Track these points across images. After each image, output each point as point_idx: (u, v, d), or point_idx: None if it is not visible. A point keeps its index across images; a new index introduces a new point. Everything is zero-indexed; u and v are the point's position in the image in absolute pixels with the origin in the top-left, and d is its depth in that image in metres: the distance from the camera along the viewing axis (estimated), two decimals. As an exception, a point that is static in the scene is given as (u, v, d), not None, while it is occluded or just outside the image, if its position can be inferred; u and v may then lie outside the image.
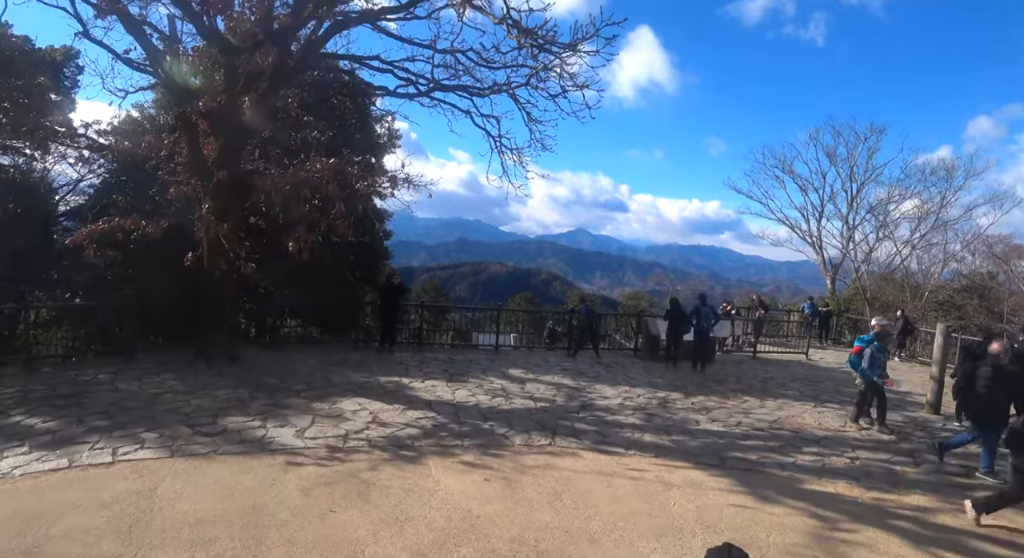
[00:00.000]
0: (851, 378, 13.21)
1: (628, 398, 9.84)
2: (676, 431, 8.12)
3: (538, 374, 11.29)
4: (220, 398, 8.13)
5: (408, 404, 8.40)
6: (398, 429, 7.25)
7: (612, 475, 6.18)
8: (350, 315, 13.70)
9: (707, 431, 8.25)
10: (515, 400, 9.12)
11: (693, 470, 6.61)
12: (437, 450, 6.61)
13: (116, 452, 5.95)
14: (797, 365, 15.06)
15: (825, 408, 10.29)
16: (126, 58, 9.96)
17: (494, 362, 12.30)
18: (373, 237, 17.07)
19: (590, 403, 9.29)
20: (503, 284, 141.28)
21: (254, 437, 6.65)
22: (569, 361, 13.08)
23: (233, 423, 7.05)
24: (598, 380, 11.17)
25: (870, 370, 8.85)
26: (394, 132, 15.88)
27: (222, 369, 9.81)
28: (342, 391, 8.90)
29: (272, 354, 11.51)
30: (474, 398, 9.06)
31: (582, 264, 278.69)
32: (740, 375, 12.92)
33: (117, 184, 12.62)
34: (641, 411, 9.04)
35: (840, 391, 11.87)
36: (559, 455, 6.73)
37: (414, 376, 10.32)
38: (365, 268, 16.41)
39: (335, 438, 6.74)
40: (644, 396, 10.07)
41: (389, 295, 12.54)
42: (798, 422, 9.17)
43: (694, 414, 9.14)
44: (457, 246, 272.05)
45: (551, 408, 8.80)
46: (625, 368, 12.68)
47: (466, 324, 17.40)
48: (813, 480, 6.67)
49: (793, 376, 13.29)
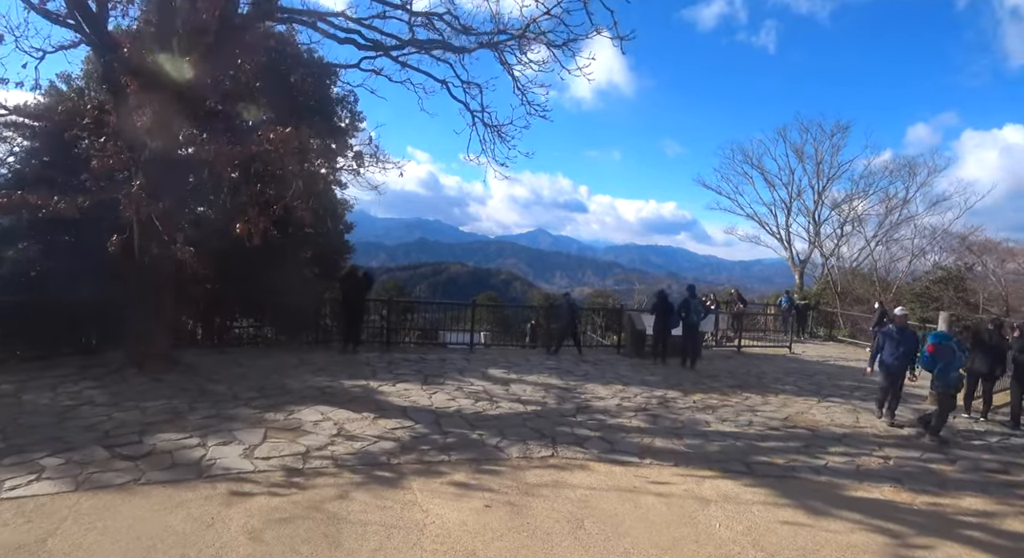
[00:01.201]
0: (840, 372, 12.72)
1: (625, 398, 8.87)
2: (687, 434, 7.18)
3: (521, 374, 10.21)
4: (151, 410, 6.71)
5: (379, 412, 7.17)
6: (370, 443, 6.03)
7: (636, 491, 5.15)
8: (308, 314, 12.30)
9: (720, 433, 7.35)
10: (502, 404, 8.01)
11: (723, 480, 5.66)
12: (420, 468, 5.43)
13: (1, 487, 4.54)
14: (783, 359, 14.50)
15: (830, 403, 9.60)
16: (42, 8, 8.34)
17: (470, 362, 11.15)
18: (333, 229, 15.66)
19: (586, 405, 8.27)
20: (464, 284, 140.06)
21: (190, 459, 5.32)
22: (551, 359, 12.05)
23: (164, 442, 5.69)
24: (588, 379, 10.18)
25: (952, 370, 7.74)
26: (357, 115, 14.51)
27: (158, 375, 8.34)
28: (301, 398, 7.60)
29: (221, 357, 10.05)
30: (455, 403, 7.90)
31: (542, 264, 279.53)
32: (731, 370, 12.18)
33: (39, 166, 10.89)
34: (643, 412, 8.08)
35: (837, 385, 11.28)
36: (567, 469, 5.66)
37: (383, 379, 9.08)
38: (325, 263, 14.99)
39: (293, 457, 5.48)
40: (642, 395, 9.13)
41: (353, 289, 11.23)
42: (810, 419, 8.40)
43: (700, 414, 8.25)
44: (417, 246, 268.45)
45: (544, 412, 7.73)
46: (612, 366, 11.74)
47: (435, 322, 16.16)
48: (855, 485, 5.85)
49: (785, 371, 12.64)
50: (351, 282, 11.33)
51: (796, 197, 27.99)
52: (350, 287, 11.26)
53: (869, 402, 9.82)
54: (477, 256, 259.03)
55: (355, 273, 11.46)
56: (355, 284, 11.29)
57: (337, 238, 15.90)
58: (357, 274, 11.44)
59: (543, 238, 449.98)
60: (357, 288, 11.26)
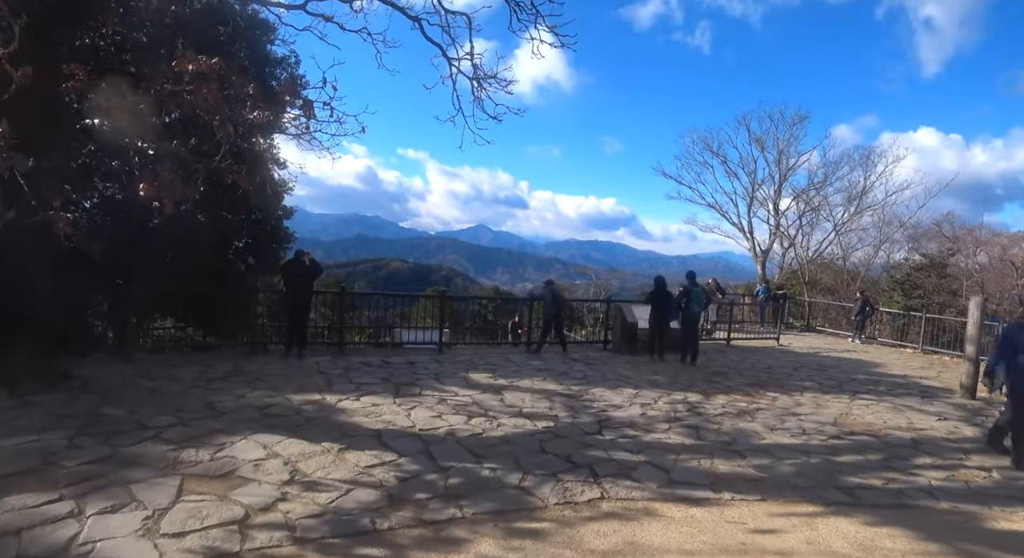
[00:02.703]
0: (841, 363, 11.73)
1: (645, 405, 7.30)
2: (746, 450, 5.68)
3: (511, 378, 8.46)
4: (5, 453, 4.53)
5: (345, 440, 5.25)
6: (340, 494, 4.12)
7: (748, 553, 3.53)
8: (244, 312, 10.06)
9: (781, 446, 5.90)
10: (503, 420, 6.23)
11: (834, 517, 4.16)
12: (424, 536, 3.60)
13: None
14: (775, 352, 13.46)
15: (865, 401, 8.43)
16: None
17: (444, 365, 9.29)
18: (269, 213, 13.32)
19: (606, 417, 6.62)
20: (404, 281, 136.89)
21: (50, 546, 3.27)
22: (536, 359, 10.36)
23: (12, 513, 3.59)
24: (589, 382, 8.55)
25: None
26: (297, 78, 12.21)
27: (32, 395, 6.07)
28: (234, 424, 5.55)
29: (130, 368, 7.77)
30: (443, 421, 6.06)
31: (483, 260, 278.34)
32: (733, 366, 10.93)
33: None
34: (677, 423, 6.52)
35: (852, 379, 10.21)
36: (632, 518, 3.98)
37: (343, 391, 7.10)
38: (261, 254, 12.66)
39: (223, 530, 3.51)
40: (663, 401, 7.59)
41: (298, 279, 9.14)
42: (863, 423, 7.12)
43: (739, 421, 6.79)
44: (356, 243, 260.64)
45: (561, 429, 6.02)
46: (607, 365, 10.18)
47: (394, 319, 14.12)
48: (985, 511, 4.54)
49: (788, 364, 11.53)
50: (296, 270, 9.22)
51: (760, 185, 27.60)
52: (295, 276, 9.16)
53: (902, 398, 8.76)
54: (418, 252, 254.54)
55: (301, 259, 9.34)
56: (301, 272, 9.19)
57: (276, 225, 13.58)
58: (303, 260, 9.32)
59: (484, 234, 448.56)
60: (302, 278, 9.16)
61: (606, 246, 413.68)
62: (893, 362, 12.85)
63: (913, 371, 11.71)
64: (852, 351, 14.44)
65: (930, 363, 13.08)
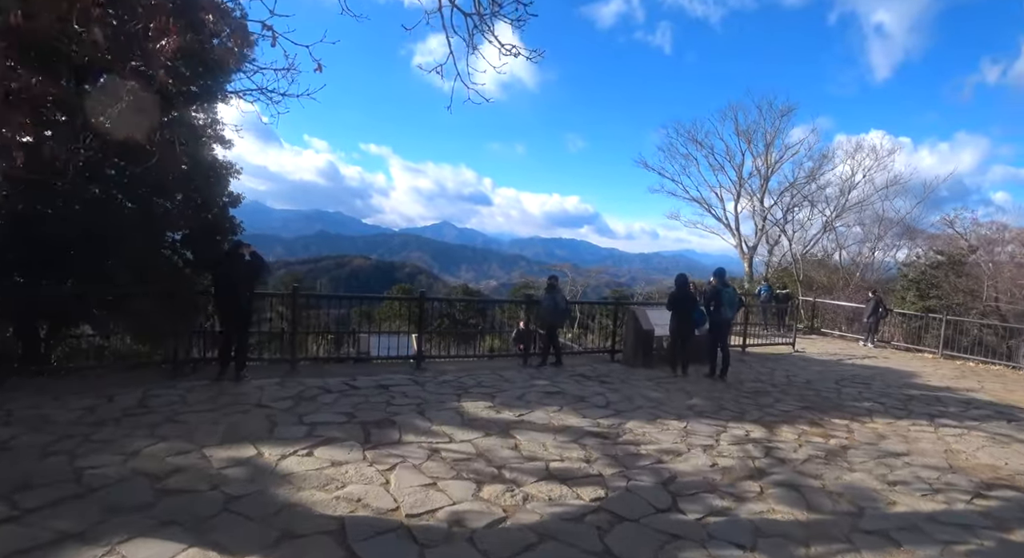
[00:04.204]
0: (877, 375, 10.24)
1: (707, 448, 5.44)
2: (891, 530, 3.87)
3: (518, 408, 6.48)
4: None
5: (286, 547, 3.20)
6: None
7: None
8: (173, 318, 7.78)
9: (928, 518, 4.12)
10: (529, 487, 4.24)
11: None
12: None
13: None
14: (798, 360, 11.92)
15: (948, 428, 6.84)
16: None
17: (427, 387, 7.24)
18: (211, 198, 10.97)
19: (667, 474, 4.70)
20: (367, 278, 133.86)
21: None
22: (539, 377, 8.40)
23: None
24: (617, 411, 6.65)
25: None
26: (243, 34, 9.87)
27: None
28: (103, 517, 3.41)
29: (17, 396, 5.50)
30: (441, 496, 4.03)
31: (447, 257, 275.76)
32: (767, 379, 9.29)
33: None
34: (766, 481, 4.67)
35: (908, 396, 8.72)
36: None
37: (291, 438, 4.98)
38: (201, 247, 10.34)
39: None
40: (724, 440, 5.75)
41: (233, 278, 6.94)
42: (985, 467, 5.46)
43: (839, 471, 5.02)
44: (317, 239, 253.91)
45: (616, 503, 4.06)
46: (627, 383, 8.31)
47: (359, 321, 11.92)
48: None
49: (828, 376, 9.95)
50: (232, 267, 7.01)
51: (748, 177, 26.29)
52: (230, 274, 6.95)
53: (986, 422, 7.27)
54: (381, 249, 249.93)
55: (238, 252, 7.13)
56: (238, 271, 6.98)
57: (219, 213, 11.19)
58: (240, 254, 7.11)
59: (448, 231, 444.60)
60: (237, 276, 6.96)
61: (570, 243, 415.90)
62: (922, 371, 11.46)
63: (952, 381, 10.33)
64: (872, 357, 13.03)
65: (960, 371, 11.74)
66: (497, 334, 18.06)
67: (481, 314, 21.77)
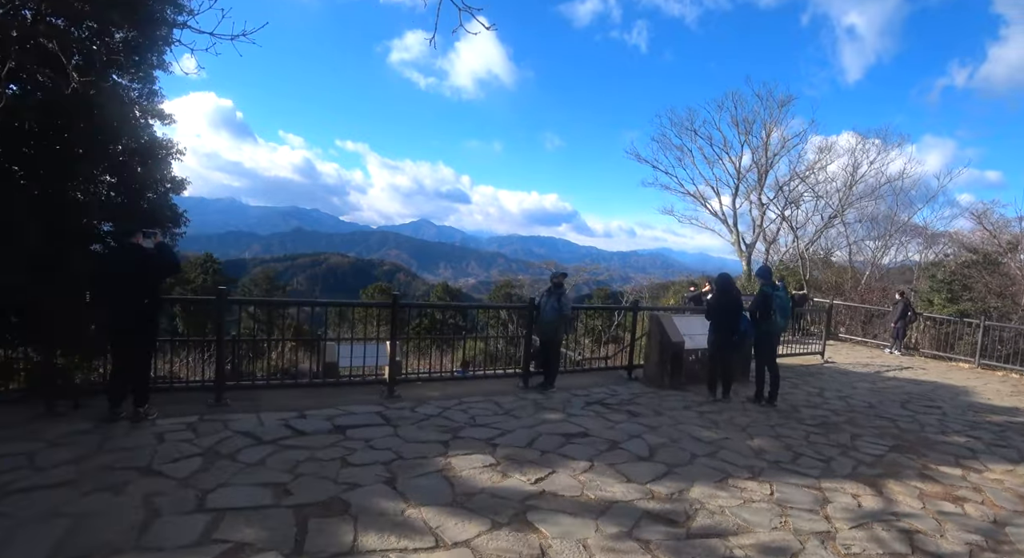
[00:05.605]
0: (935, 390, 8.71)
1: (824, 538, 3.62)
2: None
3: (530, 465, 4.57)
4: None
5: None
6: None
7: None
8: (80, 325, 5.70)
9: None
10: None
11: None
12: None
13: None
14: (836, 374, 10.29)
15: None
16: None
17: (402, 429, 5.30)
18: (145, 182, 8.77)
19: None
20: (344, 276, 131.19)
21: None
22: (549, 406, 6.53)
23: None
24: (664, 463, 4.80)
25: None
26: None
27: None
28: None
29: None
30: None
31: (426, 255, 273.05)
32: (820, 403, 7.60)
33: None
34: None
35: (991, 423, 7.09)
36: None
37: (168, 550, 3.02)
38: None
39: None
40: (839, 521, 3.94)
41: (125, 278, 4.91)
42: None
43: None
44: (294, 236, 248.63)
45: None
46: (660, 414, 6.48)
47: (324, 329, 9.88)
48: None
49: (885, 397, 8.28)
50: (123, 260, 4.99)
51: (744, 174, 24.76)
52: (120, 272, 4.92)
53: None
54: (359, 247, 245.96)
55: (134, 241, 5.09)
56: (128, 266, 4.95)
57: (159, 199, 8.99)
58: (134, 248, 5.06)
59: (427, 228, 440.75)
60: (135, 274, 4.93)
61: (548, 241, 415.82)
62: (972, 385, 9.99)
63: (1015, 399, 8.83)
64: (908, 367, 11.49)
65: (1013, 386, 10.25)
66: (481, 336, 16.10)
67: (463, 314, 19.79)
